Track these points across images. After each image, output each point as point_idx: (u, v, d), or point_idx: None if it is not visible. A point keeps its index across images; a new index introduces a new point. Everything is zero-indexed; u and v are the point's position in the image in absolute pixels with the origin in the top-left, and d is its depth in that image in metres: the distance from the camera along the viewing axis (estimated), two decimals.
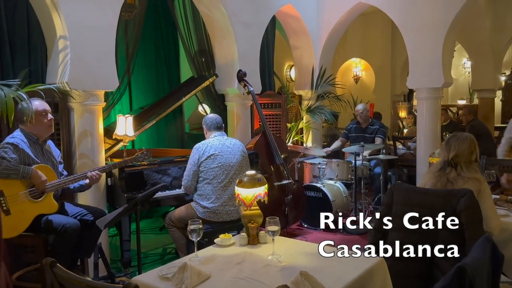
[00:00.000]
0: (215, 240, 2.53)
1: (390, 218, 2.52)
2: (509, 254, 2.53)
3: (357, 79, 10.50)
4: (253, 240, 2.48)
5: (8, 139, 2.94)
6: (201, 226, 2.30)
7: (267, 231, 2.27)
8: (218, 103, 5.41)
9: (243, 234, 2.55)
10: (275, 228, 2.23)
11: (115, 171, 3.82)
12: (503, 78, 9.89)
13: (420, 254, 2.29)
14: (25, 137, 2.98)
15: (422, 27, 5.27)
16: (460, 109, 8.51)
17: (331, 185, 5.13)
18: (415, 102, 9.38)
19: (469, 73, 10.18)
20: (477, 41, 8.41)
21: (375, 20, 9.08)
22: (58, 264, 1.66)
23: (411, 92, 10.64)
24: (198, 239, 2.29)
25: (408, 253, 2.27)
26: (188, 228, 2.31)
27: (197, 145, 3.56)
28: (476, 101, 9.62)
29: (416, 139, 5.61)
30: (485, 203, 2.57)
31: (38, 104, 3.02)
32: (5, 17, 3.55)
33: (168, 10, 5.31)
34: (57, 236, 2.88)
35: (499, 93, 9.77)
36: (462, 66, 11.73)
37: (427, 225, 2.42)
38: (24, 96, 2.87)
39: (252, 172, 2.60)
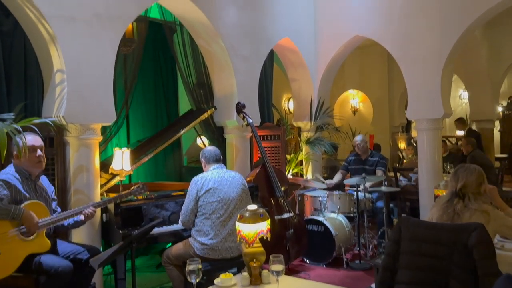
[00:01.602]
0: (215, 281, 2.39)
1: (401, 256, 2.41)
2: None
3: (355, 110, 10.53)
4: (256, 280, 2.35)
5: (0, 175, 2.84)
6: (200, 266, 2.18)
7: (271, 271, 2.15)
8: (217, 135, 5.36)
9: (245, 273, 2.42)
10: (280, 267, 2.11)
11: (111, 207, 3.70)
12: (500, 109, 9.93)
13: None
14: (18, 173, 2.88)
15: (419, 58, 5.29)
16: (460, 139, 8.48)
17: (333, 219, 5.00)
18: (414, 133, 9.37)
19: (466, 104, 10.24)
20: (474, 71, 8.51)
21: (371, 52, 9.20)
22: None
23: (409, 123, 10.66)
24: (198, 280, 2.17)
25: None
26: (186, 269, 2.19)
27: (195, 178, 3.46)
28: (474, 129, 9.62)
29: (418, 170, 5.54)
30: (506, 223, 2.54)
31: (30, 139, 2.93)
32: (2, 51, 3.52)
33: (167, 43, 5.33)
34: (49, 278, 2.74)
35: (497, 123, 9.79)
36: (459, 97, 11.81)
37: (438, 262, 2.33)
38: (19, 130, 2.80)
39: (254, 206, 2.50)
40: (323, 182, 5.76)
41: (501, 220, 2.60)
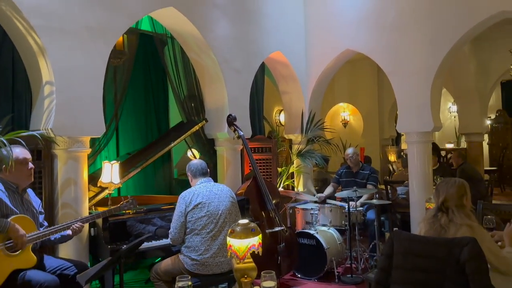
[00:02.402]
0: None
1: (394, 269, 2.39)
2: None
3: (345, 123, 10.58)
4: None
5: None
6: (190, 283, 2.14)
7: (262, 287, 2.11)
8: (208, 148, 5.34)
9: None
10: (272, 284, 2.06)
11: (99, 221, 3.63)
12: (489, 122, 10.05)
13: None
14: (3, 186, 2.83)
15: (409, 72, 5.33)
16: (449, 152, 8.55)
17: (325, 232, 4.97)
18: (403, 145, 9.43)
19: (455, 117, 10.35)
20: (462, 85, 8.61)
21: (361, 66, 9.28)
22: None
23: (399, 136, 10.73)
24: None
25: None
26: (176, 285, 2.14)
27: (183, 194, 3.41)
28: (463, 145, 9.70)
29: (408, 183, 5.55)
30: (488, 252, 2.45)
31: (19, 152, 2.89)
32: None
33: (158, 56, 5.32)
34: None
35: (486, 136, 9.89)
36: (448, 110, 11.94)
37: (430, 276, 2.31)
38: (5, 143, 2.75)
39: (245, 221, 2.45)
40: (314, 195, 5.75)
41: (485, 243, 2.50)
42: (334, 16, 6.01)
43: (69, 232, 3.04)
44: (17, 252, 2.71)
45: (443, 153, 9.70)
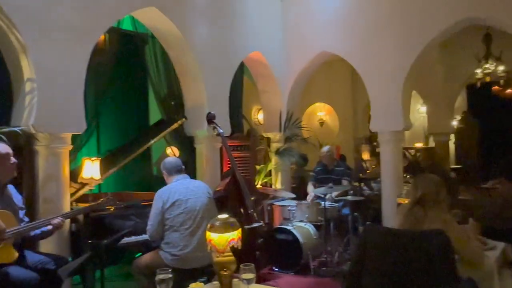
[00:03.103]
0: None
1: (367, 262, 2.44)
2: None
3: (322, 122, 10.67)
4: None
5: None
6: (170, 276, 2.14)
7: (242, 279, 2.13)
8: (187, 145, 5.31)
9: (215, 282, 2.39)
10: (251, 276, 2.09)
11: (80, 216, 3.61)
12: (455, 123, 10.30)
13: None
14: None
15: (382, 74, 5.43)
16: (418, 151, 8.74)
17: (301, 227, 5.03)
18: (376, 144, 9.58)
19: (424, 117, 10.56)
20: (431, 88, 8.82)
21: (337, 67, 9.35)
22: None
23: (372, 134, 10.88)
24: None
25: None
26: (156, 278, 2.14)
27: (159, 192, 3.39)
28: (431, 144, 9.92)
29: (380, 180, 5.65)
30: (458, 242, 2.52)
31: (1, 147, 2.83)
32: None
33: (139, 54, 5.27)
34: None
35: (452, 136, 10.14)
36: (417, 111, 12.17)
37: (401, 268, 2.37)
38: None
39: (225, 215, 2.47)
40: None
41: (456, 233, 2.58)
42: (311, 19, 6.07)
43: (50, 227, 2.98)
44: None
45: (412, 151, 9.90)
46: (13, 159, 2.90)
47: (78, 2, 3.69)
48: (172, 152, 5.28)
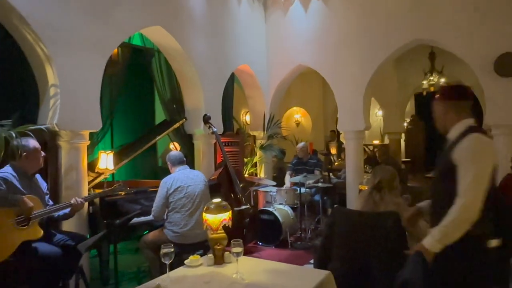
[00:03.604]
0: (185, 262, 2.33)
1: (334, 238, 2.45)
2: None
3: (298, 123, 10.71)
4: (219, 261, 2.31)
5: None
6: (172, 250, 2.12)
7: (232, 253, 2.12)
8: (187, 141, 5.26)
9: (210, 255, 2.38)
10: (239, 249, 2.09)
11: (96, 200, 3.55)
12: (405, 124, 10.44)
13: (360, 268, 2.22)
14: (15, 172, 2.69)
15: (347, 84, 5.45)
16: (376, 147, 8.83)
17: (281, 209, 5.04)
18: (342, 141, 9.64)
19: (380, 120, 10.66)
20: (386, 96, 8.91)
21: (311, 77, 9.38)
22: None
23: (339, 133, 10.93)
24: (170, 261, 2.11)
25: (350, 266, 2.20)
26: (161, 252, 2.12)
27: (164, 179, 3.35)
28: (386, 141, 10.04)
29: (345, 170, 5.70)
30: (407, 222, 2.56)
31: (35, 143, 2.78)
32: (1, 70, 3.28)
33: (146, 65, 5.19)
34: (40, 262, 2.57)
35: (403, 135, 10.27)
36: (375, 115, 12.29)
37: (362, 242, 2.39)
38: (13, 135, 2.62)
39: (218, 200, 2.46)
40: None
41: (406, 213, 2.63)
42: (289, 38, 6.07)
43: (69, 210, 2.93)
44: (27, 226, 2.60)
45: (371, 147, 9.99)
46: (42, 153, 2.85)
47: (95, 21, 3.60)
48: (174, 147, 5.23)
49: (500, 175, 4.31)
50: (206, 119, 4.74)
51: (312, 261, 4.07)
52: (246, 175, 5.86)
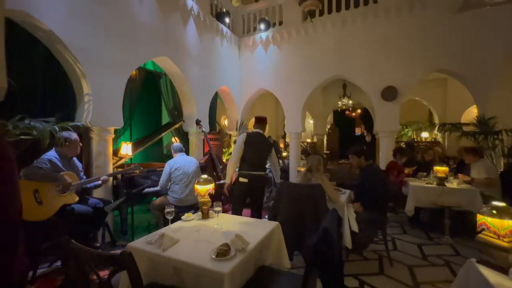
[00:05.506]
0: (182, 217, 2.28)
1: (281, 201, 2.49)
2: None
3: None
4: (205, 216, 2.29)
5: (44, 156, 2.45)
6: (173, 210, 2.07)
7: (214, 211, 2.11)
8: (184, 137, 5.12)
9: (199, 212, 2.34)
10: (219, 209, 2.08)
11: (118, 176, 3.36)
12: (327, 129, 10.78)
13: (298, 221, 2.27)
14: (58, 155, 2.50)
15: (291, 101, 5.48)
16: (308, 143, 9.06)
17: None
18: (287, 139, 9.82)
19: (311, 125, 10.95)
20: (315, 111, 9.14)
21: (269, 96, 9.40)
22: (72, 241, 1.34)
23: (285, 134, 11.09)
24: (171, 217, 2.06)
25: (291, 219, 2.25)
26: (165, 211, 2.07)
27: (168, 161, 3.25)
28: (315, 139, 10.36)
29: (289, 158, 5.81)
30: (327, 191, 2.65)
31: (76, 136, 2.60)
32: (49, 82, 3.01)
33: (156, 83, 4.97)
34: (76, 218, 2.41)
35: (325, 136, 10.61)
36: (308, 122, 12.61)
37: (300, 204, 2.46)
38: (57, 129, 2.42)
39: (205, 176, 2.43)
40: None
41: (327, 185, 2.66)
42: (254, 69, 6.04)
43: (99, 182, 2.76)
44: (66, 194, 2.42)
45: (305, 143, 10.24)
46: (80, 144, 2.65)
47: (120, 49, 3.39)
48: (175, 140, 5.06)
49: (384, 163, 4.61)
50: (197, 122, 4.65)
51: (267, 216, 4.12)
52: (224, 160, 5.81)
